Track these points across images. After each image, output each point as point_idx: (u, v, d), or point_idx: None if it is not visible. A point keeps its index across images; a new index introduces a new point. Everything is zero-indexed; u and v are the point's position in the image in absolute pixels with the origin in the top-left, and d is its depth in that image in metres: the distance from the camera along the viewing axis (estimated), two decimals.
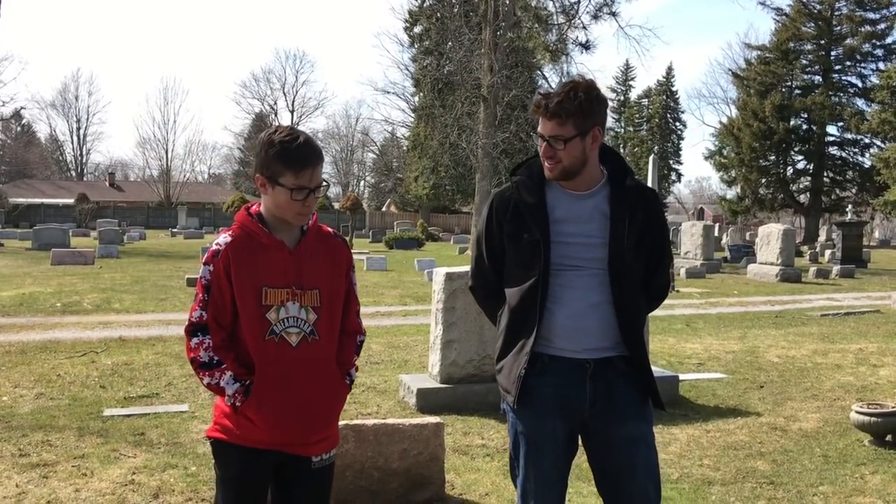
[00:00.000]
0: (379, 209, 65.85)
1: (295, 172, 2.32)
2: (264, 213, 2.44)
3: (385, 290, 15.37)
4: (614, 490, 2.56)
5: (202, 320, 2.37)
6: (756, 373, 7.89)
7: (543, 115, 2.46)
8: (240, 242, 2.38)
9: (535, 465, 2.56)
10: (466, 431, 5.52)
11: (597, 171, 2.55)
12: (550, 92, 2.47)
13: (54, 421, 5.65)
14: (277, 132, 2.36)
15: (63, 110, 80.00)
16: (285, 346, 2.36)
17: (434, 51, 42.29)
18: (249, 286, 2.35)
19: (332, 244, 2.54)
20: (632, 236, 2.48)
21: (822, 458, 5.10)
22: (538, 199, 2.53)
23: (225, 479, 2.46)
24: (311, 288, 2.42)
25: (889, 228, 63.61)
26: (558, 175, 2.50)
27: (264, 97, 77.89)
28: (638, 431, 2.53)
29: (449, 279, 6.17)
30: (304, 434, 2.40)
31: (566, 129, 2.43)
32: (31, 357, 8.11)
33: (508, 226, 2.55)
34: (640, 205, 2.54)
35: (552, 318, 2.48)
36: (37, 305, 12.07)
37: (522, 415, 2.56)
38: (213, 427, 2.46)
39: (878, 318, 12.68)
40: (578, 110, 2.42)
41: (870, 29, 48.13)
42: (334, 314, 2.48)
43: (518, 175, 2.62)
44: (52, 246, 23.07)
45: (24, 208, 51.65)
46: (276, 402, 2.34)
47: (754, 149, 48.54)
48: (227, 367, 2.35)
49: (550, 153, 2.47)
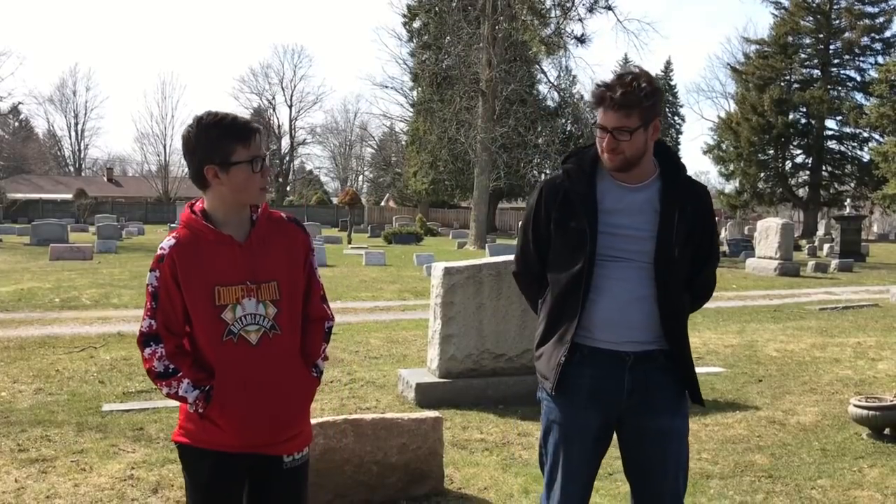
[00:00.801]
0: (377, 204, 65.85)
1: (245, 144, 2.25)
2: (209, 208, 2.32)
3: (384, 285, 15.36)
4: (643, 480, 2.58)
5: (152, 329, 2.28)
6: (754, 367, 7.90)
7: (608, 106, 2.41)
8: (185, 243, 2.27)
9: (564, 454, 2.56)
10: (465, 426, 5.53)
11: (650, 165, 2.54)
12: (610, 83, 2.43)
13: (53, 416, 5.65)
14: (205, 118, 2.27)
15: (61, 105, 79.94)
16: (245, 345, 2.27)
17: (432, 45, 42.17)
18: (200, 288, 2.25)
19: (286, 230, 2.41)
20: (681, 232, 2.47)
21: (820, 452, 5.11)
22: (588, 189, 2.51)
23: (195, 485, 2.38)
24: (268, 280, 2.31)
25: (887, 222, 63.61)
26: (619, 166, 2.47)
27: (262, 92, 77.74)
28: (672, 425, 2.53)
29: (447, 274, 6.17)
30: (273, 434, 2.33)
31: (632, 120, 2.40)
32: (29, 352, 8.11)
33: (557, 213, 2.53)
34: (691, 201, 2.52)
35: (594, 308, 2.48)
36: (35, 301, 12.06)
37: (558, 403, 2.57)
38: (178, 431, 2.37)
39: (876, 311, 12.70)
40: (643, 101, 2.40)
41: (868, 22, 48.10)
42: (295, 305, 2.38)
43: (569, 163, 2.60)
44: (51, 241, 23.04)
45: (23, 204, 51.60)
46: (240, 405, 2.27)
47: (753, 143, 48.54)
48: (183, 375, 2.27)
49: (614, 144, 2.43)
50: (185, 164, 2.35)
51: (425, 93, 44.29)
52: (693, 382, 2.57)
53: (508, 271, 6.19)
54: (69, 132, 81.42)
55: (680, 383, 2.55)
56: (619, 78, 2.44)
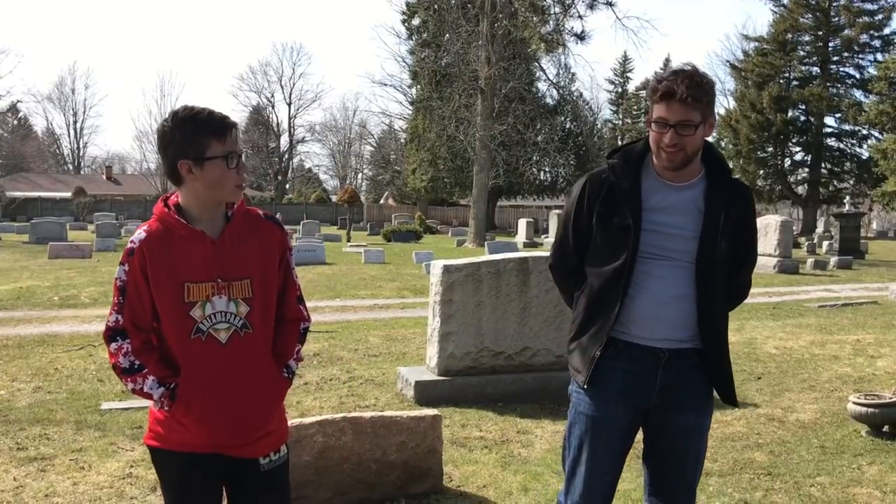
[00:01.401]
0: (377, 202, 65.81)
1: (220, 139, 2.21)
2: (183, 203, 2.28)
3: (383, 283, 15.36)
4: (661, 473, 2.61)
5: (119, 324, 2.26)
6: (754, 364, 7.90)
7: (671, 99, 2.36)
8: (156, 237, 2.23)
9: (590, 447, 2.57)
10: (464, 424, 5.53)
11: (697, 164, 2.51)
12: (674, 76, 2.37)
13: (52, 414, 5.65)
14: (180, 112, 2.23)
15: (60, 103, 79.96)
16: (214, 343, 2.23)
17: (431, 43, 42.15)
18: (169, 284, 2.21)
19: (262, 228, 2.36)
20: (725, 233, 2.46)
21: (819, 449, 5.11)
22: (633, 185, 2.49)
23: (166, 488, 2.36)
24: (241, 278, 2.26)
25: (887, 219, 63.64)
26: (679, 164, 2.44)
27: (261, 90, 78.03)
28: (697, 423, 2.56)
29: (447, 272, 6.17)
30: (241, 434, 2.29)
31: (695, 114, 2.37)
32: (28, 351, 8.10)
33: (600, 207, 2.51)
34: (735, 203, 2.50)
35: (633, 304, 2.47)
36: (34, 299, 12.05)
37: (589, 395, 2.57)
38: (148, 434, 2.34)
39: (875, 309, 12.70)
40: (707, 96, 2.38)
41: (868, 20, 48.09)
42: (269, 304, 2.34)
43: (615, 158, 2.58)
44: (50, 239, 23.02)
45: (21, 202, 51.57)
46: (206, 404, 2.24)
47: (752, 140, 48.56)
48: (148, 372, 2.24)
49: (676, 140, 2.38)
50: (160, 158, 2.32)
51: (424, 90, 44.27)
52: (727, 383, 2.58)
53: (507, 269, 6.19)
54: (68, 130, 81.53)
55: (710, 383, 2.57)
56: (679, 72, 2.39)
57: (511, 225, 50.61)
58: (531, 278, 6.19)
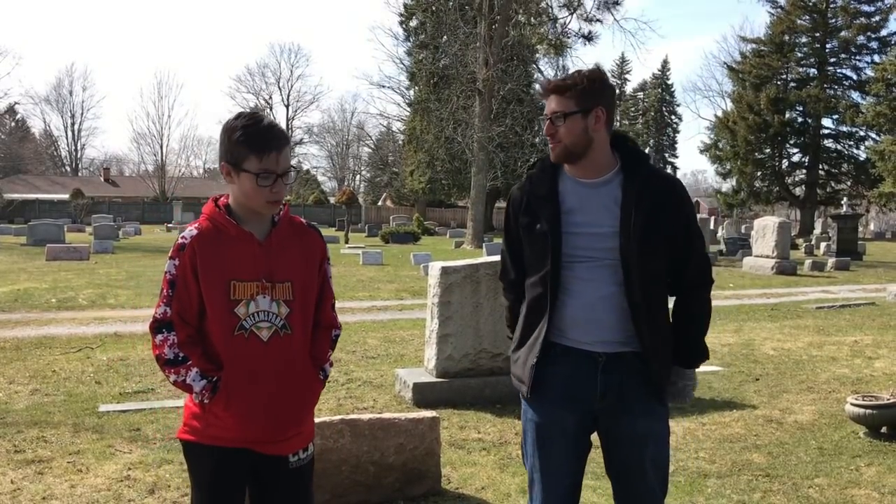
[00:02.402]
0: (375, 203, 65.83)
1: (259, 156, 2.23)
2: (233, 204, 2.35)
3: (381, 285, 15.35)
4: (620, 482, 2.57)
5: (166, 317, 2.31)
6: (752, 365, 7.90)
7: (547, 92, 2.46)
8: (207, 235, 2.31)
9: (543, 456, 2.55)
10: (462, 426, 5.52)
11: (608, 158, 2.49)
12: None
13: (49, 417, 5.64)
14: (240, 117, 2.28)
15: (57, 105, 79.85)
16: (255, 341, 2.30)
17: (429, 45, 42.19)
18: (217, 280, 2.27)
19: (305, 235, 2.45)
20: (648, 225, 2.40)
21: (817, 451, 5.12)
22: (549, 191, 2.49)
23: (198, 482, 2.39)
24: (283, 281, 2.34)
25: (884, 221, 63.72)
26: (560, 155, 2.46)
27: (259, 91, 77.81)
28: (648, 429, 2.50)
29: (445, 273, 6.17)
30: (275, 431, 2.34)
31: (566, 104, 2.41)
32: (25, 353, 8.09)
33: (523, 218, 2.53)
34: (653, 193, 2.45)
35: (564, 309, 2.45)
36: (31, 301, 12.03)
37: (533, 404, 2.55)
38: (182, 428, 2.39)
39: (873, 310, 12.71)
40: (579, 86, 2.41)
41: (865, 21, 48.21)
42: (307, 307, 2.41)
43: (533, 169, 2.61)
44: (47, 241, 22.98)
45: (19, 204, 51.48)
46: (245, 399, 2.29)
47: (750, 142, 48.62)
48: (192, 364, 2.29)
49: (552, 130, 2.44)
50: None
51: (422, 92, 44.31)
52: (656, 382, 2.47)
53: None
54: (65, 132, 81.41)
55: (653, 384, 2.49)
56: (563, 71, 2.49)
57: None
58: None
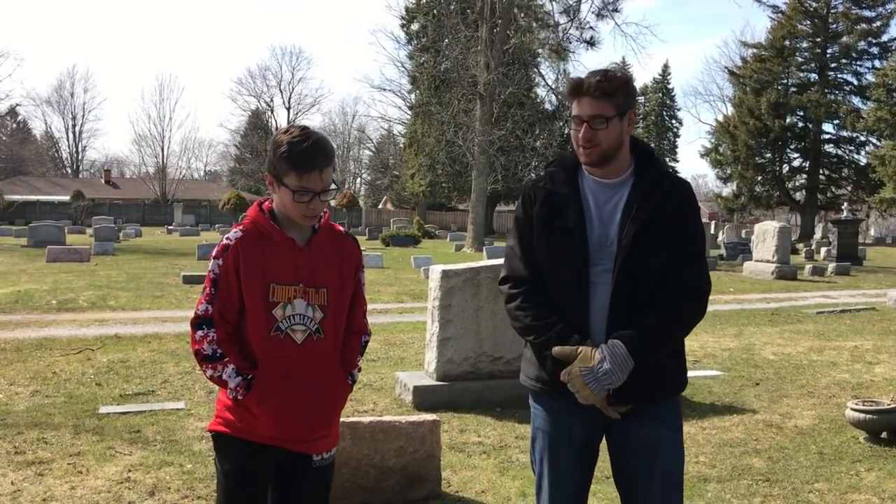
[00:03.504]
0: (375, 206, 65.87)
1: (299, 174, 2.31)
2: (276, 209, 2.44)
3: (381, 288, 15.35)
4: (628, 491, 2.51)
5: (208, 314, 2.38)
6: (752, 370, 7.90)
7: (582, 94, 2.38)
8: (250, 238, 2.40)
9: (550, 463, 2.52)
10: (463, 429, 5.52)
11: (627, 160, 2.47)
12: (585, 75, 2.41)
13: (50, 418, 5.64)
14: (289, 132, 2.36)
15: (59, 107, 79.91)
16: (290, 343, 2.38)
17: (430, 48, 42.21)
18: (257, 282, 2.36)
19: (342, 243, 2.54)
20: (649, 228, 2.35)
21: (817, 456, 5.11)
22: (571, 189, 2.45)
23: (226, 473, 2.46)
24: (320, 286, 2.42)
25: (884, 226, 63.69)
26: (596, 159, 2.41)
27: (260, 94, 77.73)
28: (658, 437, 2.43)
29: (445, 277, 6.17)
30: (305, 431, 2.42)
31: (607, 107, 2.37)
32: (26, 354, 8.09)
33: (541, 211, 2.46)
34: (661, 195, 2.40)
35: (580, 310, 2.39)
36: (32, 303, 12.04)
37: (541, 410, 2.53)
38: (215, 420, 2.47)
39: (873, 315, 12.71)
40: (619, 89, 2.37)
41: (865, 27, 48.19)
42: (341, 313, 2.49)
43: (552, 167, 2.56)
44: (48, 243, 22.98)
45: (20, 205, 51.52)
46: (278, 398, 2.36)
47: (750, 146, 48.61)
48: (229, 361, 2.37)
49: (590, 135, 2.37)
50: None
51: (423, 95, 44.32)
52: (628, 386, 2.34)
53: None
54: (67, 134, 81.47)
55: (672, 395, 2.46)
56: (593, 71, 2.43)
57: (509, 230, 50.58)
58: None
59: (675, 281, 2.39)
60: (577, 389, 2.32)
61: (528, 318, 2.44)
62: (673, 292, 2.38)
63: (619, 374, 2.29)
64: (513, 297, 2.50)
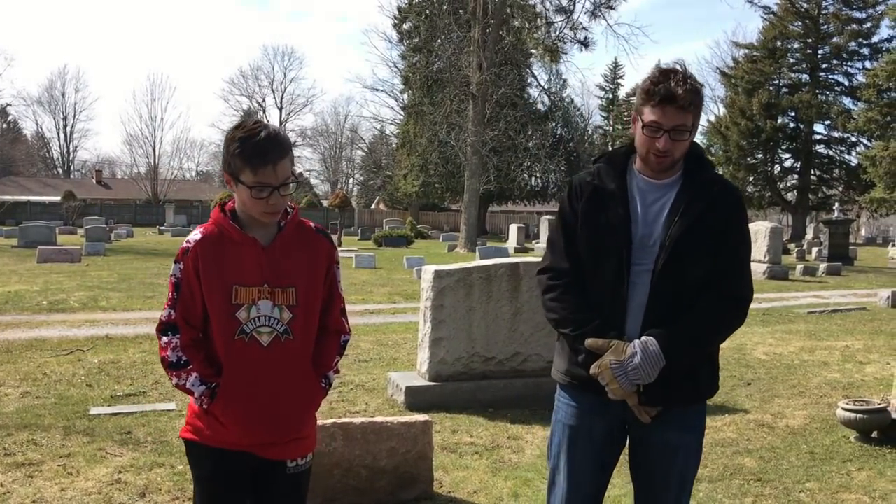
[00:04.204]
0: (368, 207, 65.77)
1: (254, 169, 2.22)
2: (238, 209, 2.37)
3: (374, 288, 15.34)
4: (644, 489, 2.53)
5: (171, 319, 2.33)
6: (743, 370, 7.92)
7: (669, 103, 2.26)
8: (210, 239, 2.33)
9: (567, 457, 2.51)
10: (455, 429, 5.52)
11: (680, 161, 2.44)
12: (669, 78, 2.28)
13: (40, 420, 5.61)
14: (240, 128, 2.27)
15: (50, 107, 79.60)
16: (255, 345, 2.31)
17: (423, 48, 42.24)
18: (218, 284, 2.29)
19: (312, 239, 2.44)
20: (693, 231, 2.31)
21: (808, 455, 5.13)
22: (619, 186, 2.41)
23: (198, 479, 2.43)
24: (287, 286, 2.34)
25: (875, 226, 64.01)
26: (667, 167, 2.37)
27: (252, 94, 77.70)
28: (680, 440, 2.44)
29: (438, 277, 6.16)
30: (273, 436, 2.35)
31: (689, 118, 2.30)
32: (16, 355, 8.05)
33: (587, 205, 2.42)
34: (709, 199, 2.36)
35: (620, 308, 2.37)
36: (22, 303, 11.98)
37: (566, 403, 2.52)
38: (185, 427, 2.43)
39: (864, 315, 12.76)
40: (700, 101, 2.32)
41: (856, 27, 48.44)
42: (311, 313, 2.40)
43: (600, 162, 2.52)
44: (39, 243, 22.88)
45: (10, 206, 51.24)
46: (243, 404, 2.31)
47: (742, 147, 48.79)
48: (193, 369, 2.31)
49: (670, 145, 2.29)
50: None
51: (416, 96, 44.32)
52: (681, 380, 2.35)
53: (498, 274, 6.19)
54: (58, 134, 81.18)
55: (697, 400, 2.46)
56: (673, 73, 2.30)
57: (502, 230, 50.66)
58: (522, 283, 6.19)
59: (716, 287, 2.35)
60: (607, 382, 2.31)
61: (565, 310, 2.42)
62: (713, 297, 2.35)
63: (648, 371, 2.27)
64: (551, 288, 2.47)
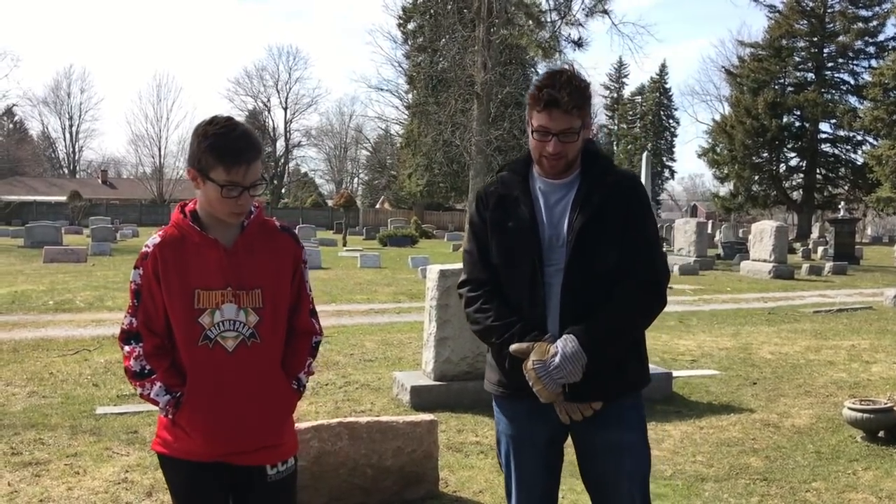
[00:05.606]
0: (373, 206, 65.83)
1: (227, 167, 2.15)
2: (199, 210, 2.28)
3: (379, 288, 15.35)
4: (596, 494, 2.50)
5: (132, 327, 2.25)
6: (749, 369, 7.91)
7: (554, 107, 2.28)
8: (170, 243, 2.24)
9: (515, 465, 2.50)
10: (460, 429, 5.52)
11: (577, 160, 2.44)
12: (552, 82, 2.29)
13: (47, 419, 5.63)
14: (213, 123, 2.20)
15: (55, 107, 79.72)
16: (220, 351, 2.22)
17: (427, 48, 42.24)
18: (179, 289, 2.21)
19: (276, 238, 2.36)
20: (594, 224, 2.32)
21: (814, 455, 5.12)
22: (523, 192, 2.42)
23: (173, 492, 2.37)
24: (252, 288, 2.25)
25: (881, 225, 63.82)
26: (561, 170, 2.38)
27: (257, 94, 77.68)
28: (623, 440, 2.40)
29: (443, 276, 6.17)
30: (243, 444, 2.26)
31: (576, 120, 2.30)
32: (23, 355, 8.08)
33: (494, 214, 2.43)
34: (606, 190, 2.36)
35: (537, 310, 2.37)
36: (29, 303, 12.02)
37: (503, 414, 2.53)
38: (155, 440, 2.35)
39: (870, 314, 12.72)
40: (587, 100, 2.32)
41: (862, 26, 48.27)
42: (279, 315, 2.32)
43: (504, 171, 2.54)
44: (45, 243, 22.97)
45: (17, 206, 51.45)
46: (209, 413, 2.22)
47: (747, 146, 48.66)
48: (157, 378, 2.23)
49: (560, 149, 2.31)
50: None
51: (420, 95, 44.32)
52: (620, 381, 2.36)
53: None
54: (63, 134, 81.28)
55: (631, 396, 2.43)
56: (558, 76, 2.31)
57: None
58: None
59: (629, 274, 2.34)
60: (532, 384, 2.29)
61: (488, 319, 2.40)
62: (626, 285, 2.33)
63: (570, 368, 2.25)
64: (472, 300, 2.47)
